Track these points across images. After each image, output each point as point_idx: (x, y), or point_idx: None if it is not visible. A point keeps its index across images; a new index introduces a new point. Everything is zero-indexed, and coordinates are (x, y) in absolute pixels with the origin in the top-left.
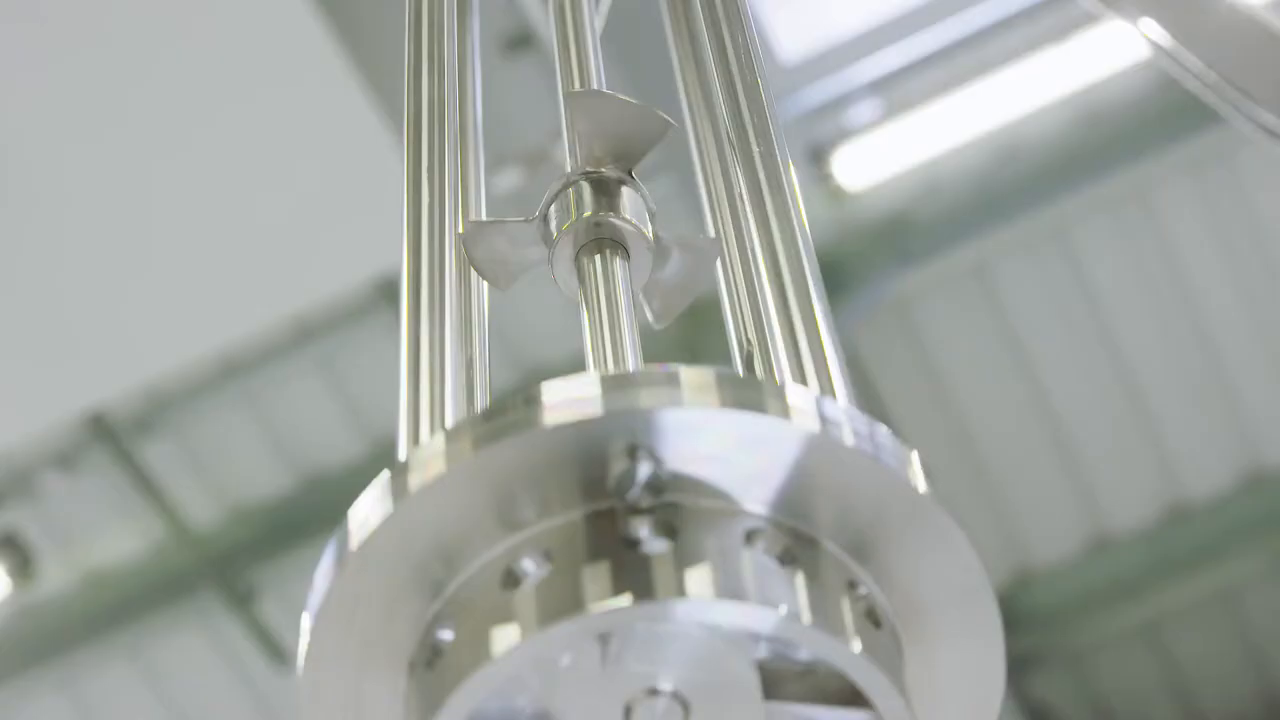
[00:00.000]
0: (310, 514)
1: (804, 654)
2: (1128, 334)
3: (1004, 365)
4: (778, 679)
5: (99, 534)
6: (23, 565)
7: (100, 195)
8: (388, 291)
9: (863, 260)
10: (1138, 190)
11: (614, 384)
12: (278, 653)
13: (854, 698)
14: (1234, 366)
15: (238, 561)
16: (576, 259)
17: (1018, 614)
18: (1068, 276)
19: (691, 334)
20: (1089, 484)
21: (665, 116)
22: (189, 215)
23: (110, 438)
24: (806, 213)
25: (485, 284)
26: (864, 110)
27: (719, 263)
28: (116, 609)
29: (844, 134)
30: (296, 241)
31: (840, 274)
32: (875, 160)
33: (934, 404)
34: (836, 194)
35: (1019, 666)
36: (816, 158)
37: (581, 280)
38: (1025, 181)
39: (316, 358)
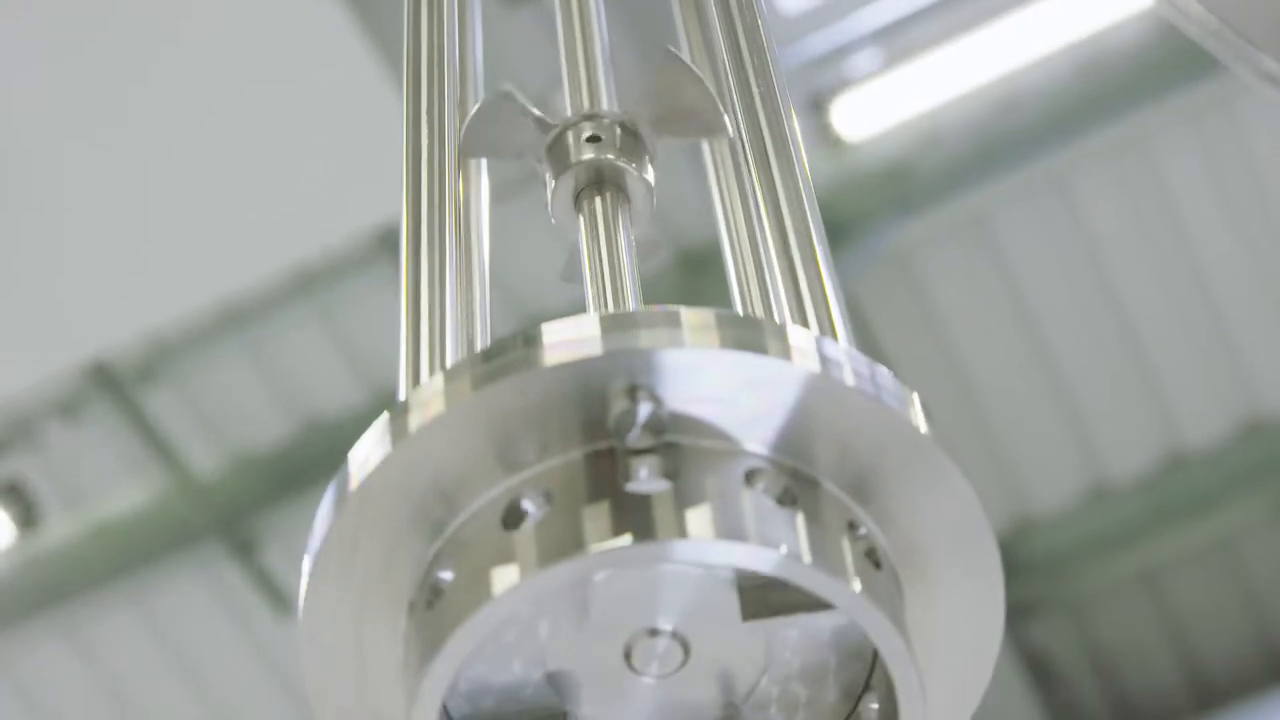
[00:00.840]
0: (313, 463)
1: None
2: (1127, 283)
3: (1004, 315)
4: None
5: (102, 483)
6: (26, 514)
7: (102, 145)
8: (389, 242)
9: (863, 211)
10: (1138, 140)
11: (614, 324)
12: (280, 601)
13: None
14: (1233, 315)
15: (240, 510)
16: (577, 199)
17: (1017, 562)
18: (1067, 226)
19: (692, 284)
20: (1088, 433)
21: (730, 122)
22: (190, 164)
23: (113, 387)
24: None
25: (487, 228)
26: (864, 60)
27: (719, 205)
28: (120, 557)
29: (844, 84)
30: (297, 191)
31: (840, 225)
32: (875, 110)
33: (934, 354)
34: (836, 144)
35: (1018, 614)
36: (816, 107)
37: (581, 221)
38: (1025, 131)
39: (318, 307)
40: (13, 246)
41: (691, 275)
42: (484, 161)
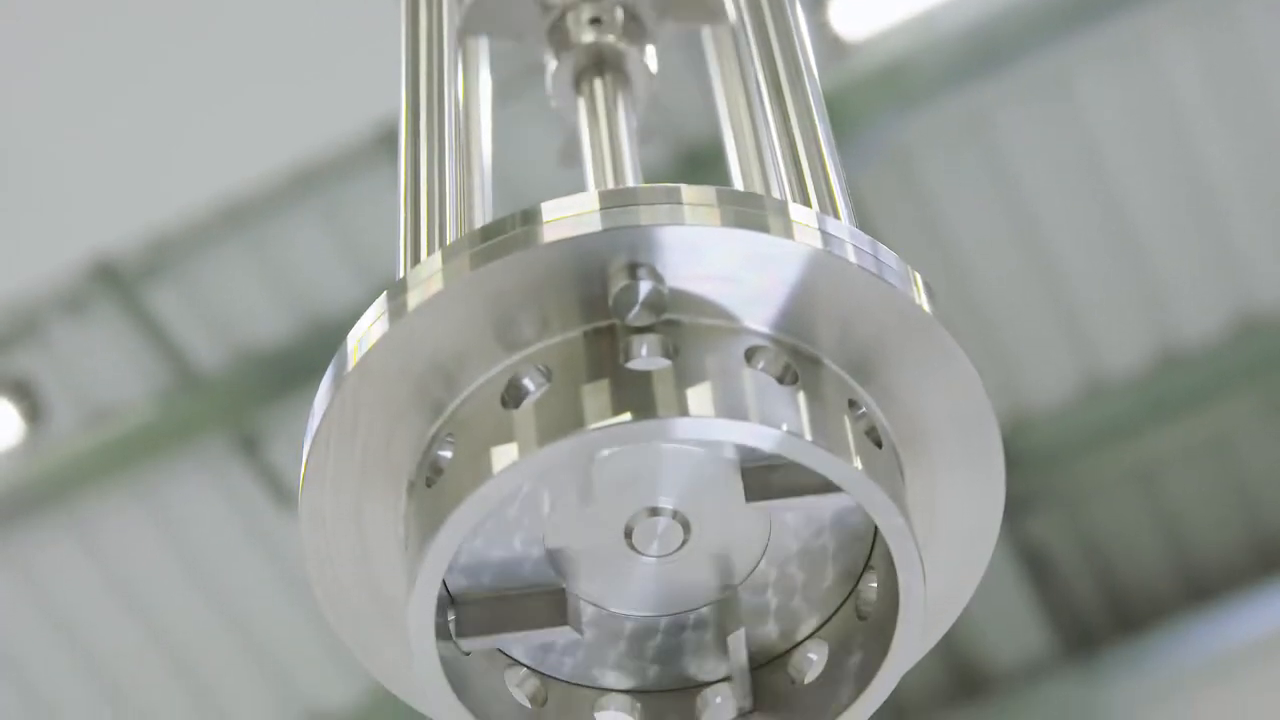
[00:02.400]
0: (316, 359)
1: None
2: (1125, 181)
3: (1002, 214)
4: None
5: (107, 380)
6: (33, 410)
7: (104, 42)
8: (391, 141)
9: (862, 111)
10: (1137, 38)
11: (613, 200)
12: (284, 496)
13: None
14: (1230, 214)
15: (244, 406)
16: (577, 82)
17: (1012, 457)
18: (1067, 125)
19: (692, 180)
20: (1084, 330)
21: (731, 7)
22: (191, 61)
23: (118, 285)
24: None
25: (488, 108)
26: None
27: (719, 90)
28: (125, 453)
29: None
30: (298, 88)
31: (839, 124)
32: (874, 10)
33: (933, 253)
34: (835, 44)
35: (1013, 508)
36: (816, 7)
37: (582, 100)
38: (1025, 30)
39: (321, 207)
40: (16, 143)
41: (692, 173)
42: (485, 43)
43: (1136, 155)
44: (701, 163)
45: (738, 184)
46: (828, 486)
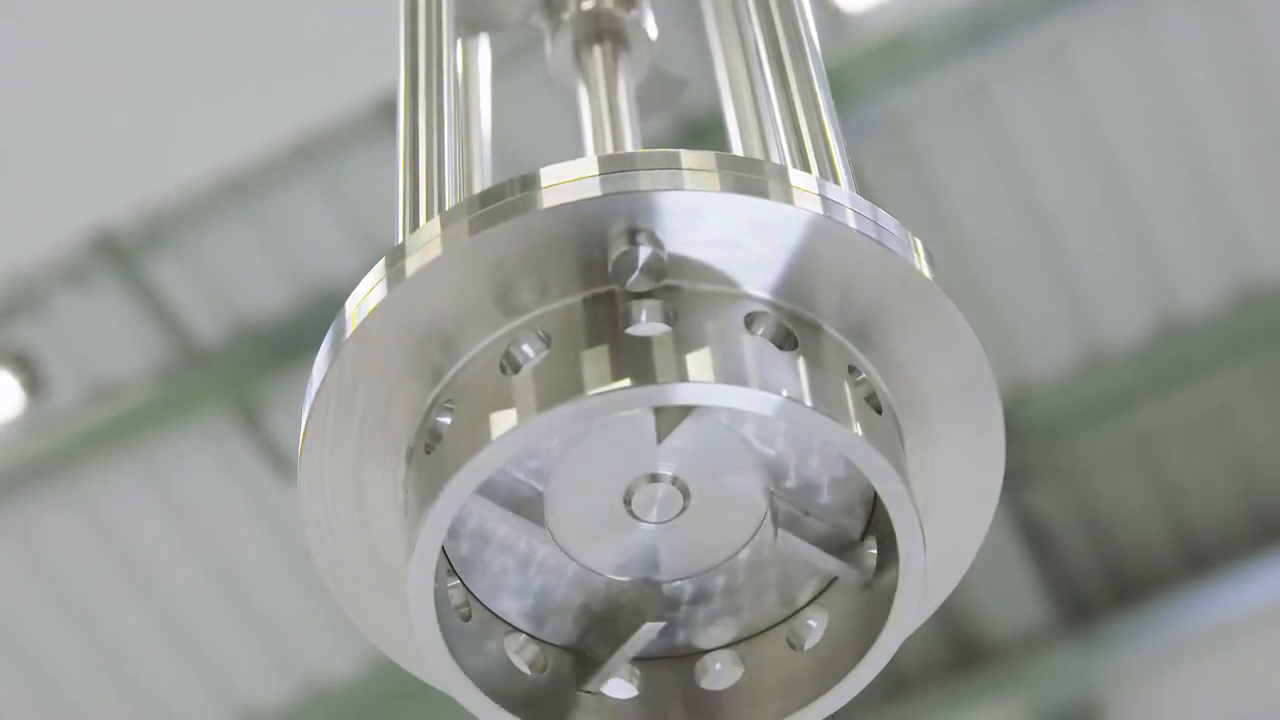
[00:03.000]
0: (316, 331)
1: (821, 499)
2: (1124, 152)
3: (1001, 185)
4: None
5: (108, 351)
6: (33, 382)
7: (104, 16)
8: (389, 113)
9: (862, 82)
10: (1136, 10)
11: (613, 165)
12: (284, 467)
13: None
14: (1229, 185)
15: (245, 378)
16: (576, 49)
17: (1012, 428)
18: (1066, 96)
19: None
20: (1084, 301)
21: None
22: (192, 32)
23: (118, 257)
24: None
25: (487, 79)
26: None
27: (718, 53)
28: (125, 425)
29: None
30: (298, 59)
31: (838, 96)
32: None
33: (932, 225)
34: (835, 16)
35: (1012, 480)
36: None
37: (581, 68)
38: (1024, 2)
39: (321, 179)
40: (17, 116)
41: (692, 143)
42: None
43: (1136, 127)
44: (701, 132)
45: (738, 151)
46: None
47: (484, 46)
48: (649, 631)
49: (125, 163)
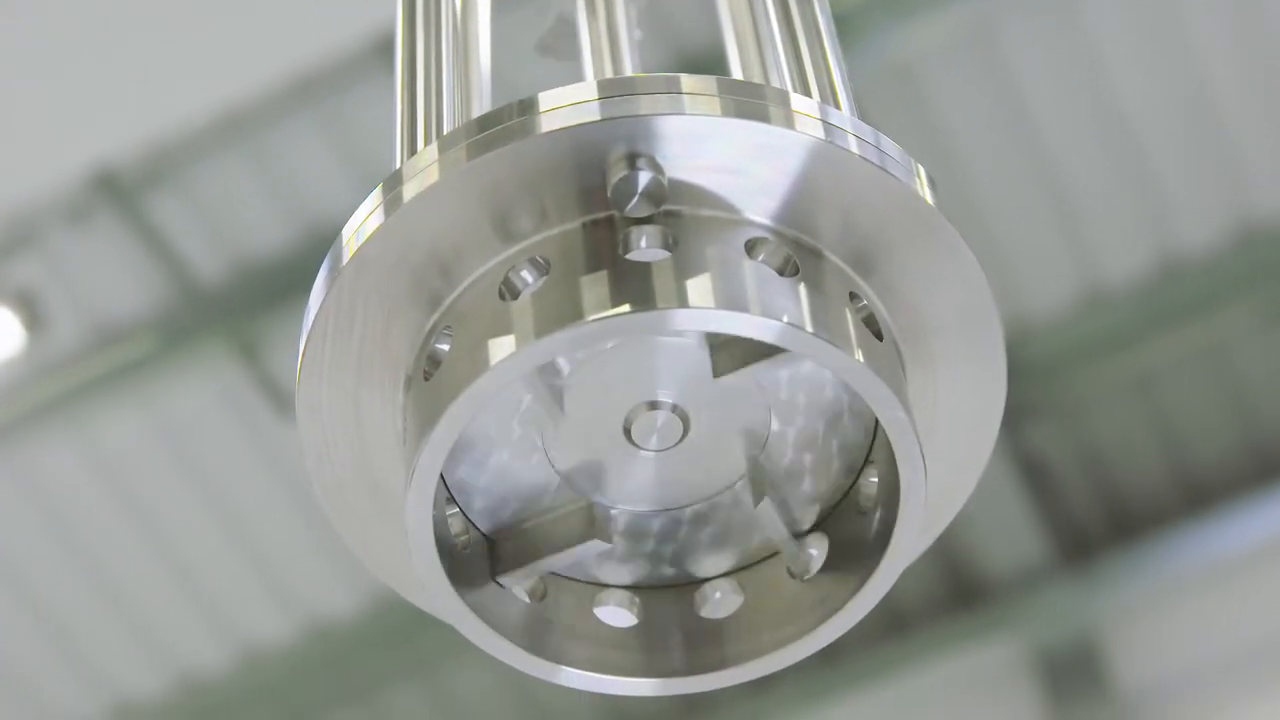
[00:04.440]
0: (316, 268)
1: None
2: (1126, 91)
3: (1002, 123)
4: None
5: (108, 289)
6: (33, 319)
7: None
8: (389, 48)
9: (862, 20)
10: None
11: (612, 89)
12: (284, 405)
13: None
14: (1231, 123)
15: (244, 315)
16: None
17: (1012, 366)
18: (1068, 33)
19: None
20: (1084, 239)
21: None
22: None
23: (117, 195)
24: None
25: (487, 4)
26: None
27: None
28: (125, 363)
29: None
30: None
31: (839, 34)
32: None
33: (933, 163)
34: None
35: (1013, 417)
36: None
37: None
38: None
39: (321, 116)
40: (16, 53)
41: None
42: None
43: (1138, 63)
44: (702, 68)
45: (737, 69)
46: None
47: None
48: (594, 548)
49: (125, 100)
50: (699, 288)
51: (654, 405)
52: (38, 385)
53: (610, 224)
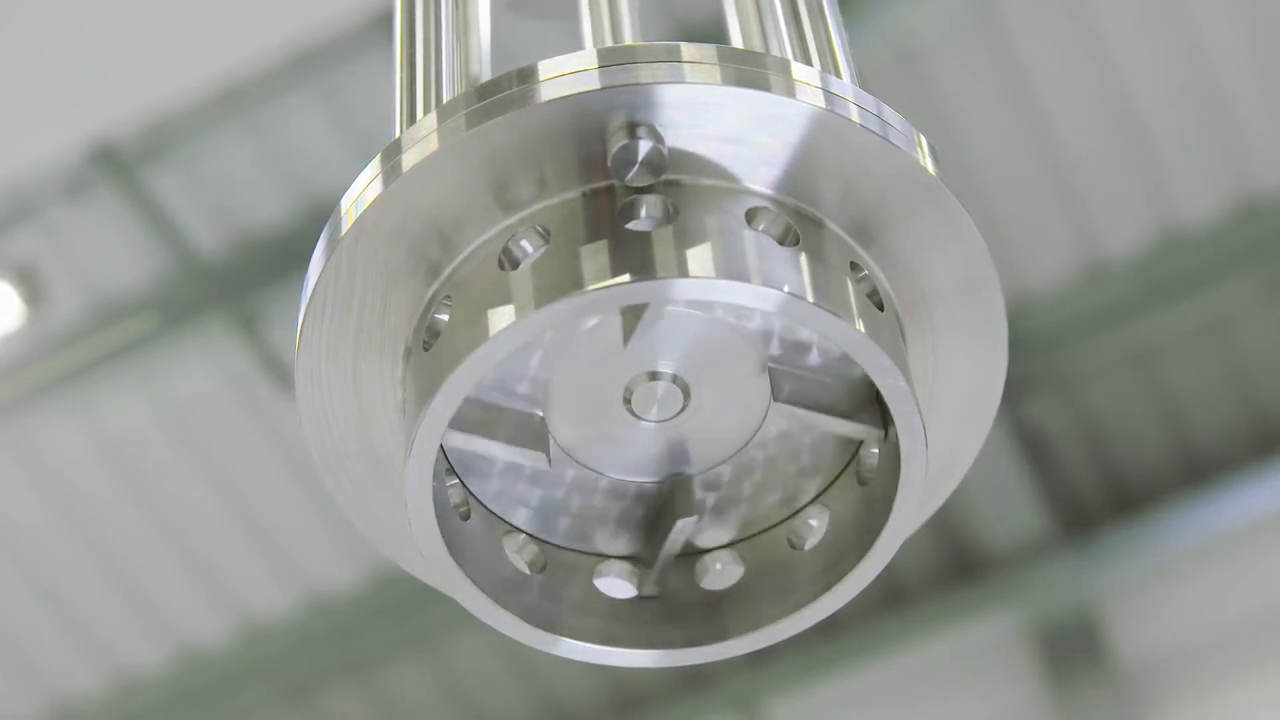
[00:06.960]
0: (315, 241)
1: (811, 360)
2: (1128, 65)
3: (1003, 96)
4: (784, 382)
5: (107, 262)
6: (33, 293)
7: None
8: (388, 21)
9: None
10: None
11: (612, 58)
12: (284, 378)
13: (857, 410)
14: (1231, 96)
15: (244, 289)
16: None
17: (1012, 339)
18: (1070, 5)
19: None
20: (1085, 213)
21: None
22: None
23: (117, 168)
24: None
25: None
26: None
27: None
28: (125, 336)
29: None
30: None
31: (842, 8)
32: None
33: (934, 135)
34: None
35: (1012, 391)
36: None
37: None
38: None
39: (320, 89)
40: (15, 26)
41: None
42: None
43: (1140, 36)
44: (702, 38)
45: (738, 37)
46: (849, 412)
47: None
48: (686, 527)
49: (124, 73)
50: (699, 257)
51: (655, 376)
52: (38, 360)
53: (610, 193)
